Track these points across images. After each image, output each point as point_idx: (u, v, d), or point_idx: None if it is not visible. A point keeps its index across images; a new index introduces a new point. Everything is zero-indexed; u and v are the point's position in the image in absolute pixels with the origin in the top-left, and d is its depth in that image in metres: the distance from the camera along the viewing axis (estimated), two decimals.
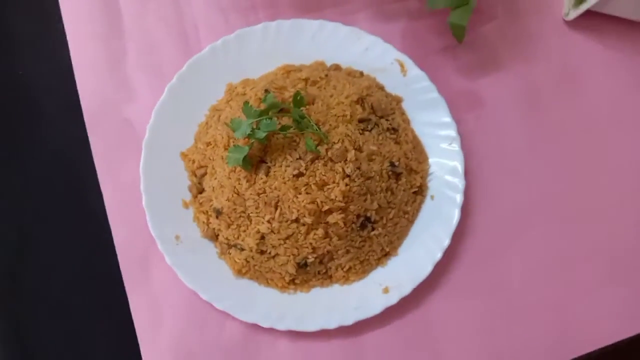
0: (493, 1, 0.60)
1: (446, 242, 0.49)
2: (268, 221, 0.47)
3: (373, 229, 0.49)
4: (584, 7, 0.56)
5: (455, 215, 0.50)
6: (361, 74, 0.55)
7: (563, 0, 0.60)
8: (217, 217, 0.49)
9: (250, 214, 0.48)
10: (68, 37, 0.57)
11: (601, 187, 0.55)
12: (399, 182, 0.50)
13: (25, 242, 0.53)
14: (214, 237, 0.50)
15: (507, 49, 0.59)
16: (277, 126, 0.46)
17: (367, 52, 0.55)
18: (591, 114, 0.57)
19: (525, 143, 0.56)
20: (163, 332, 0.49)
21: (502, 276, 0.52)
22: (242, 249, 0.49)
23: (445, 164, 0.52)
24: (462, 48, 0.58)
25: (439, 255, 0.49)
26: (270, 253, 0.48)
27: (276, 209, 0.47)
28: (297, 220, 0.47)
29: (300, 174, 0.47)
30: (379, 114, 0.51)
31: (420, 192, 0.51)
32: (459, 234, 0.51)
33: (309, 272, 0.49)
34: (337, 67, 0.55)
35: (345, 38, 0.55)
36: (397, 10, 0.60)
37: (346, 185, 0.46)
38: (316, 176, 0.46)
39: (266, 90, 0.49)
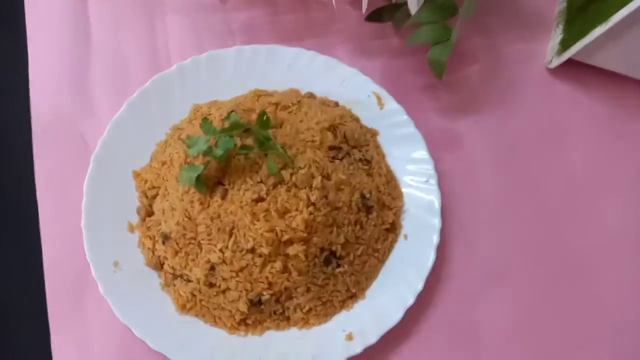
0: (475, 45, 0.59)
1: (419, 285, 0.44)
2: (220, 250, 0.42)
3: (338, 266, 0.44)
4: (566, 55, 0.55)
5: (431, 257, 0.45)
6: (336, 104, 0.52)
7: (546, 48, 0.59)
8: (163, 243, 0.44)
9: (201, 241, 0.43)
10: (29, 45, 0.54)
11: (581, 240, 0.51)
12: (370, 217, 0.46)
13: None
14: (158, 266, 0.45)
15: (488, 93, 0.57)
16: (238, 143, 0.42)
17: (344, 83, 0.53)
18: (572, 164, 0.54)
19: (504, 189, 0.52)
20: None
21: (478, 327, 0.47)
22: (189, 281, 0.43)
23: (420, 202, 0.48)
24: (442, 88, 0.57)
25: (410, 300, 0.44)
26: (220, 287, 0.43)
27: (230, 236, 0.42)
28: (252, 251, 0.42)
29: (260, 199, 0.42)
30: (352, 143, 0.48)
31: (392, 229, 0.47)
32: (434, 279, 0.47)
33: (263, 311, 0.43)
34: (311, 95, 0.52)
35: (321, 68, 0.53)
36: (377, 46, 0.58)
37: (310, 214, 0.42)
38: (277, 202, 0.42)
39: (231, 111, 0.45)
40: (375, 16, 0.59)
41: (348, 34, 0.59)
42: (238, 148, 0.41)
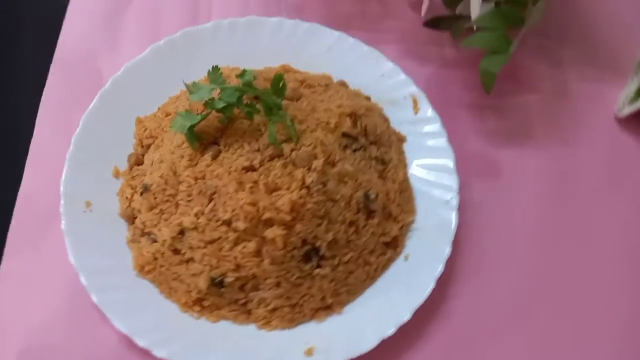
0: (540, 72, 0.53)
1: (406, 316, 0.38)
2: (195, 214, 0.38)
3: (319, 266, 0.38)
4: (639, 106, 0.48)
5: (429, 286, 0.39)
6: (367, 98, 0.47)
7: (619, 94, 0.52)
8: (141, 194, 0.40)
9: (180, 201, 0.39)
10: None
11: (618, 301, 0.43)
12: (369, 222, 0.40)
13: None
14: (131, 218, 0.41)
15: (543, 126, 0.50)
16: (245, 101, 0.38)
17: (383, 79, 0.48)
18: (626, 223, 0.46)
19: (540, 232, 0.45)
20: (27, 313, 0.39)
21: None
22: (155, 241, 0.39)
23: (433, 224, 0.42)
24: (491, 110, 0.50)
25: (390, 330, 0.37)
26: (184, 255, 0.38)
27: (210, 201, 0.38)
28: (228, 223, 0.37)
29: (252, 168, 0.37)
30: (371, 139, 0.43)
31: (393, 245, 0.41)
32: (429, 313, 0.40)
33: (223, 295, 0.38)
34: (342, 83, 0.48)
35: (362, 57, 0.48)
36: (429, 52, 0.53)
37: (300, 197, 0.37)
38: (269, 176, 0.37)
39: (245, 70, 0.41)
40: (433, 23, 0.54)
41: (401, 35, 0.54)
42: (242, 107, 0.37)
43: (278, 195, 0.37)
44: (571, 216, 0.46)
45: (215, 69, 0.38)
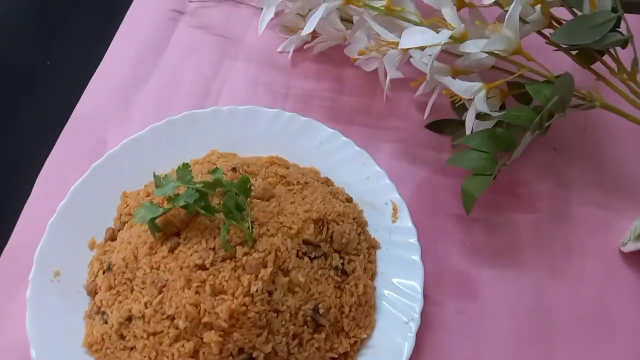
0: (539, 191, 0.50)
1: None
2: (145, 304, 0.38)
3: None
4: None
5: None
6: (349, 199, 0.47)
7: (625, 226, 0.48)
8: (103, 272, 0.42)
9: (135, 286, 0.39)
10: (112, 43, 0.58)
11: None
12: (315, 337, 0.39)
13: None
14: (92, 293, 0.42)
15: (533, 250, 0.47)
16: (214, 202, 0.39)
17: (368, 181, 0.48)
18: (616, 357, 0.42)
19: None
20: None
21: None
22: (106, 322, 0.40)
23: (387, 347, 0.40)
24: (480, 225, 0.48)
25: None
26: (128, 342, 0.39)
27: (159, 293, 0.38)
28: (172, 319, 0.37)
29: (203, 267, 0.38)
30: (336, 247, 0.42)
31: None
32: None
33: None
34: (326, 181, 0.48)
35: (351, 157, 0.49)
36: (427, 156, 0.52)
37: (243, 305, 0.37)
38: (218, 277, 0.37)
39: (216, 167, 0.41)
40: (436, 126, 0.54)
41: (402, 134, 0.54)
42: (199, 208, 0.38)
43: (222, 299, 0.37)
44: (551, 350, 0.42)
45: (185, 165, 0.39)
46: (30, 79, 0.58)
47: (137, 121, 0.53)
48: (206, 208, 0.38)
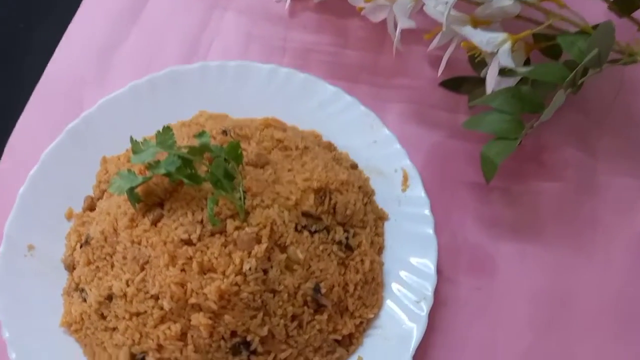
0: (565, 158, 0.45)
1: None
2: (126, 281, 0.34)
3: None
4: None
5: None
6: (354, 166, 0.42)
7: None
8: (81, 246, 0.37)
9: (115, 262, 0.35)
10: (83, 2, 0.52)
11: None
12: (317, 318, 0.35)
13: None
14: (70, 267, 0.38)
15: (556, 223, 0.43)
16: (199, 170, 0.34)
17: (375, 145, 0.43)
18: None
19: (531, 351, 0.38)
20: None
21: None
22: (85, 300, 0.36)
23: (397, 326, 0.36)
24: (499, 194, 0.44)
25: None
26: (109, 323, 0.35)
27: (142, 270, 0.34)
28: (156, 298, 0.33)
29: (189, 242, 0.34)
30: (339, 219, 0.38)
31: (345, 344, 0.36)
32: None
33: None
34: (328, 146, 0.43)
35: (357, 119, 0.44)
36: (438, 118, 0.47)
37: (235, 284, 0.33)
38: (206, 254, 0.33)
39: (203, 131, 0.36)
40: (451, 84, 0.48)
41: (412, 93, 0.49)
42: (182, 177, 0.33)
43: (210, 278, 0.33)
44: (569, 353, 0.38)
45: (166, 129, 0.34)
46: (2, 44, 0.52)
47: (117, 79, 0.48)
48: (191, 177, 0.34)
